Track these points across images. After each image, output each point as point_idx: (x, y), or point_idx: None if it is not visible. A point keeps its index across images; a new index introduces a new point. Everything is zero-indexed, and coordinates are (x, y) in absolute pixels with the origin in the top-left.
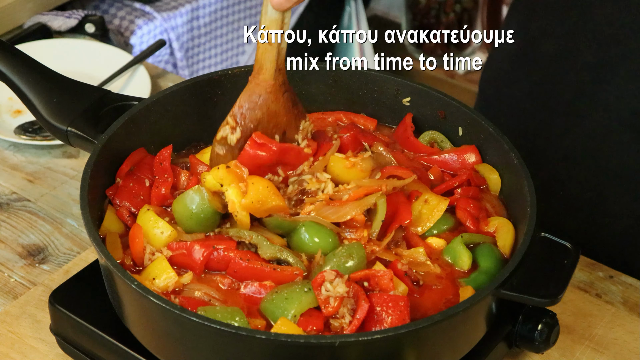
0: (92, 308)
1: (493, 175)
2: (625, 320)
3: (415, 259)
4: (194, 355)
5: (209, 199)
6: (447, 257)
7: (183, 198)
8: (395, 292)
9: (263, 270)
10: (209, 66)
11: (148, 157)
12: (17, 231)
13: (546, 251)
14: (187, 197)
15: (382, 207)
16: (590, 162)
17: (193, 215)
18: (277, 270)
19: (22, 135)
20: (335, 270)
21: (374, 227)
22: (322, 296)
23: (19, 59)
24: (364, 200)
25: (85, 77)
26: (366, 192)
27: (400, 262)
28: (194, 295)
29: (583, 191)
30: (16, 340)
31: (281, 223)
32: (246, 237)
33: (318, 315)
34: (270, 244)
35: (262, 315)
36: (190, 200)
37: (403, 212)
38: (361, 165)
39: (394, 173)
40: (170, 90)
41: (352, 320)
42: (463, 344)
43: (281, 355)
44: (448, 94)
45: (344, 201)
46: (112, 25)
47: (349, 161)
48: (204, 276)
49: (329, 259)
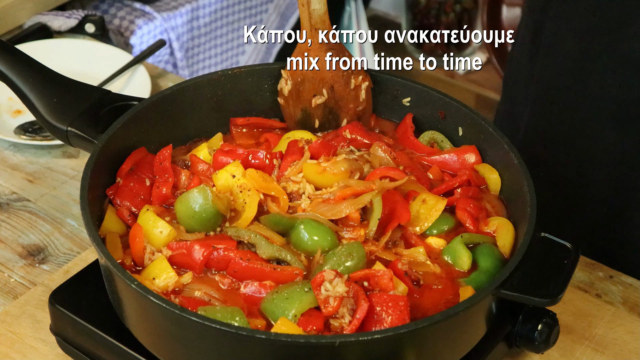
0: (92, 308)
1: (493, 175)
2: (625, 320)
3: (415, 258)
4: (194, 355)
5: (212, 199)
6: (447, 257)
7: (186, 197)
8: (395, 291)
9: (263, 270)
10: (209, 66)
11: (149, 156)
12: (17, 231)
13: (546, 251)
14: (191, 197)
15: (378, 206)
16: (573, 147)
17: (195, 214)
18: (277, 270)
19: (22, 135)
20: (334, 270)
21: (371, 226)
22: (322, 296)
23: (19, 59)
24: (360, 198)
25: (85, 77)
26: (354, 192)
27: (400, 261)
28: (194, 295)
29: (565, 172)
30: (16, 340)
31: (279, 220)
32: (244, 237)
33: (318, 315)
34: (269, 244)
35: (263, 315)
36: (194, 200)
37: (401, 211)
38: (332, 168)
39: (386, 174)
40: (170, 90)
41: (352, 320)
42: (463, 344)
43: (281, 355)
44: (448, 94)
45: (339, 199)
46: (112, 25)
47: (320, 166)
48: (203, 276)
49: (328, 258)
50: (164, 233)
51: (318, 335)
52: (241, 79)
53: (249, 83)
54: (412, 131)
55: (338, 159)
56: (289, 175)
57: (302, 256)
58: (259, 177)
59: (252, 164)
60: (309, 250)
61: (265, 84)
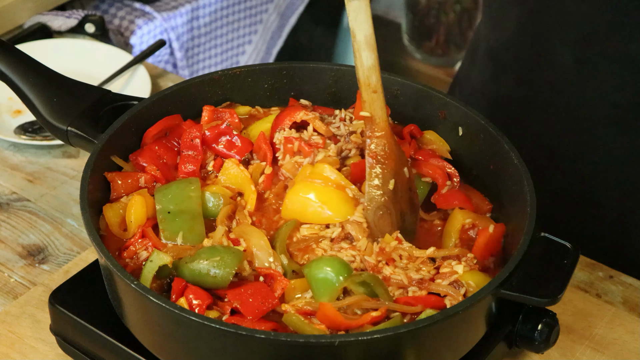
0: (92, 308)
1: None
2: (625, 320)
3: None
4: (194, 355)
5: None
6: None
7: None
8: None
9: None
10: (209, 66)
11: (179, 127)
12: (17, 231)
13: (546, 251)
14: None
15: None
16: (576, 156)
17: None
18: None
19: (22, 135)
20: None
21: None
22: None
23: (19, 59)
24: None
25: (85, 77)
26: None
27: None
28: None
29: (571, 184)
30: (16, 340)
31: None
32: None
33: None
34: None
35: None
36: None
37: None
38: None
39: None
40: (170, 90)
41: None
42: (463, 344)
43: (281, 355)
44: (448, 94)
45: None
46: (112, 25)
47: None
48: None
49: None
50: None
51: (318, 335)
52: (241, 79)
53: (249, 83)
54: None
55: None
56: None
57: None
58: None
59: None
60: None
61: (265, 84)
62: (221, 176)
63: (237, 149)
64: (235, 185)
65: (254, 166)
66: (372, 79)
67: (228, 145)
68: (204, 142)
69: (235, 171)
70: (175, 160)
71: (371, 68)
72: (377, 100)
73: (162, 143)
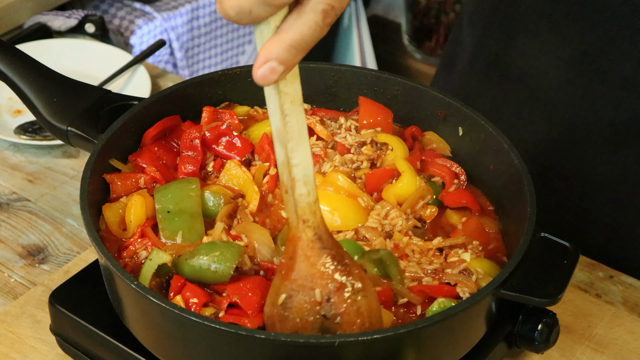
0: (92, 308)
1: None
2: (625, 320)
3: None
4: (194, 355)
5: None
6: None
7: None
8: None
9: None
10: (209, 66)
11: (179, 127)
12: (17, 231)
13: (546, 251)
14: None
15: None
16: (571, 172)
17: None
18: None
19: (22, 135)
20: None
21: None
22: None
23: (19, 59)
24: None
25: (85, 77)
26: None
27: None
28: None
29: (565, 200)
30: (16, 340)
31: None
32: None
33: None
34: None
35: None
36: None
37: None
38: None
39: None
40: (170, 90)
41: None
42: (463, 344)
43: (280, 355)
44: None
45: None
46: (112, 25)
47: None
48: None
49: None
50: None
51: (318, 335)
52: (241, 79)
53: (249, 83)
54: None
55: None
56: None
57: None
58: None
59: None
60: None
61: None
62: (222, 177)
63: (238, 150)
64: (237, 186)
65: (256, 167)
66: (283, 177)
67: (228, 146)
68: (203, 143)
69: (238, 172)
70: (174, 161)
71: (281, 165)
72: (288, 203)
73: (162, 144)
